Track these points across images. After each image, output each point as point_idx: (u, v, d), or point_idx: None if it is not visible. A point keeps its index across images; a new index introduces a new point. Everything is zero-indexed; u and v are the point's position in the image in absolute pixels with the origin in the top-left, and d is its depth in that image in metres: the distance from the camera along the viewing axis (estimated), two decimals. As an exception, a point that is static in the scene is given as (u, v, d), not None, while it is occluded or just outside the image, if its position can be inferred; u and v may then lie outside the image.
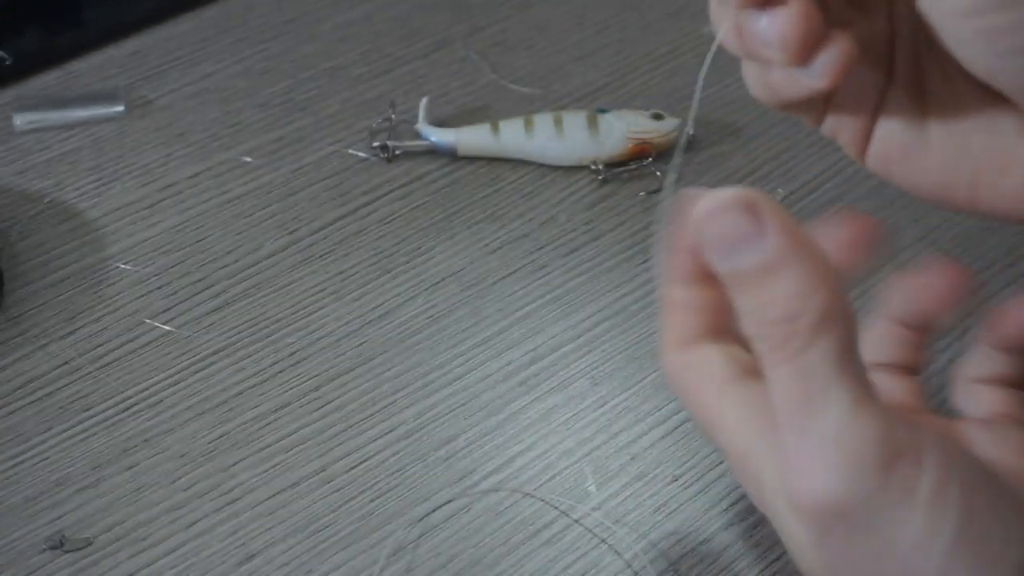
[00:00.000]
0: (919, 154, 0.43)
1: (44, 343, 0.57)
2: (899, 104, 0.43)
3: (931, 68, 0.43)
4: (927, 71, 0.44)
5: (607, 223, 0.62)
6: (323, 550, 0.49)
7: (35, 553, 0.49)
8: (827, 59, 0.40)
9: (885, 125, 0.43)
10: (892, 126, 0.43)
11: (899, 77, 0.44)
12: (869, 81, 0.43)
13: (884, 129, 0.43)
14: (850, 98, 0.44)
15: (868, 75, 0.44)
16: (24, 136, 0.68)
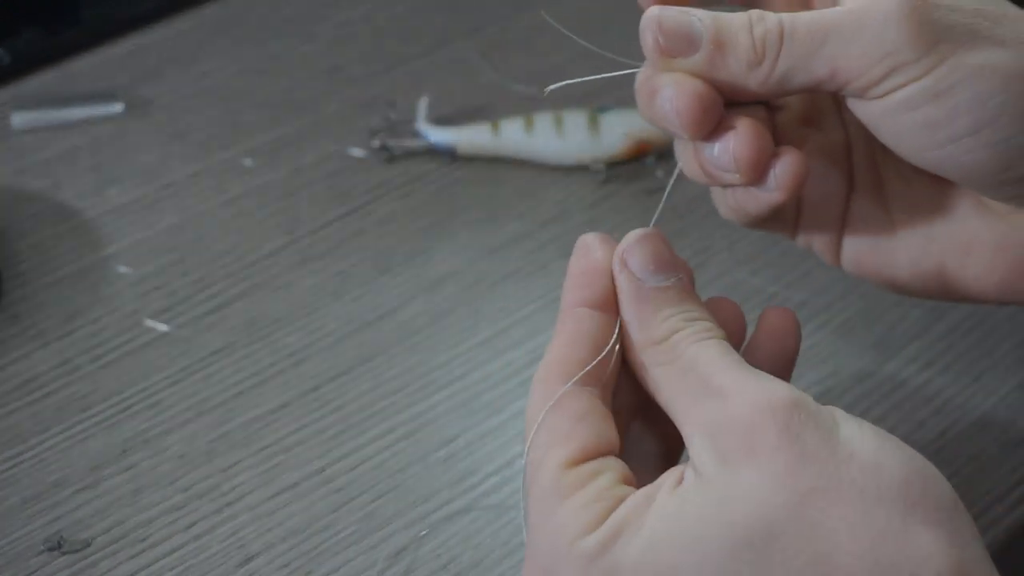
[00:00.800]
0: (888, 251, 0.46)
1: (42, 343, 0.57)
2: (863, 209, 0.46)
3: (887, 169, 0.46)
4: (884, 172, 0.46)
5: (608, 223, 0.62)
6: (323, 551, 0.49)
7: (33, 554, 0.49)
8: (780, 173, 0.42)
9: (852, 230, 0.46)
10: (859, 231, 0.46)
11: (859, 183, 0.47)
12: (832, 191, 0.46)
13: (852, 234, 0.46)
14: (816, 210, 0.46)
15: (830, 185, 0.46)
16: (22, 136, 0.67)
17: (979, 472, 0.51)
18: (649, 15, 0.43)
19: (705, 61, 0.42)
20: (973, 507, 0.50)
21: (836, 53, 0.41)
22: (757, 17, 0.42)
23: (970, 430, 0.53)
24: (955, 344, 0.56)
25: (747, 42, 0.42)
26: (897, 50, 0.40)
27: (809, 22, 0.41)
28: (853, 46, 0.41)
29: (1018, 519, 0.50)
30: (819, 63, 0.41)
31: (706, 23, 0.42)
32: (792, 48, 0.41)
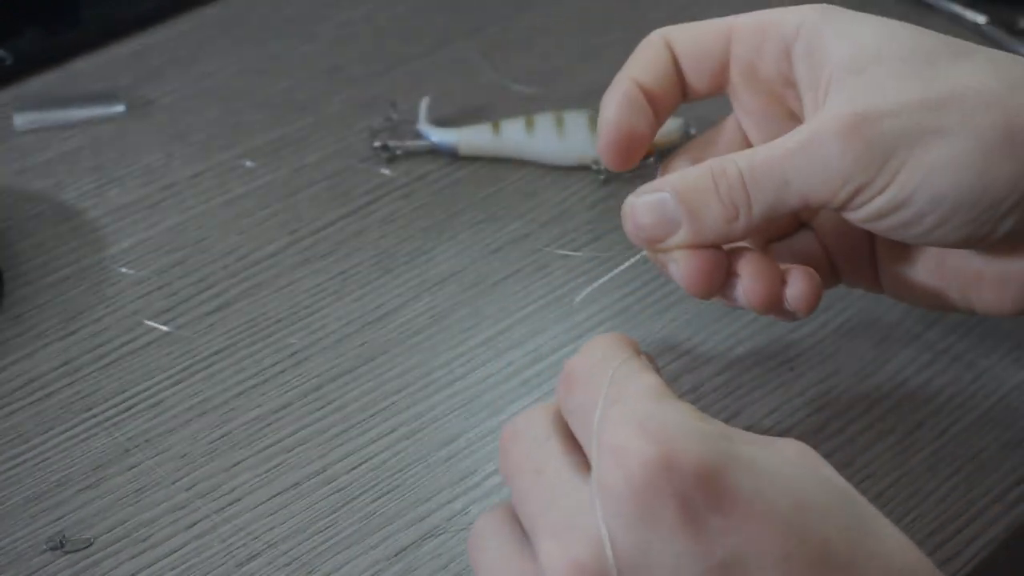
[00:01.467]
0: (915, 282, 0.49)
1: (44, 343, 0.57)
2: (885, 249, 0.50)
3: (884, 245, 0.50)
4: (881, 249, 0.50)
5: (608, 223, 0.62)
6: (324, 551, 0.49)
7: (36, 554, 0.49)
8: (794, 298, 0.46)
9: (883, 267, 0.50)
10: (888, 267, 0.50)
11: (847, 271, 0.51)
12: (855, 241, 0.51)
13: (884, 270, 0.50)
14: (848, 260, 0.51)
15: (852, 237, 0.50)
16: (24, 136, 0.67)
17: (979, 472, 0.51)
18: (624, 210, 0.46)
19: (689, 235, 0.45)
20: (972, 507, 0.50)
21: (801, 188, 0.44)
22: (719, 173, 0.45)
23: (970, 430, 0.53)
24: (955, 344, 0.56)
25: (717, 205, 0.45)
26: (850, 177, 0.43)
27: (766, 163, 0.44)
28: (813, 179, 0.44)
29: (1018, 519, 0.50)
30: (790, 198, 0.44)
31: (676, 199, 0.45)
32: (759, 195, 0.44)
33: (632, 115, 0.48)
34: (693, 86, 0.50)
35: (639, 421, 0.37)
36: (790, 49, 0.47)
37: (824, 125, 0.43)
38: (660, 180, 0.46)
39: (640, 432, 0.36)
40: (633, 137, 0.48)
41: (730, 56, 0.49)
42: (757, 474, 0.36)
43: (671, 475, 0.35)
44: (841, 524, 0.36)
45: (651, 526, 0.35)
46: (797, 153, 0.44)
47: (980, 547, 0.49)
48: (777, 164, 0.44)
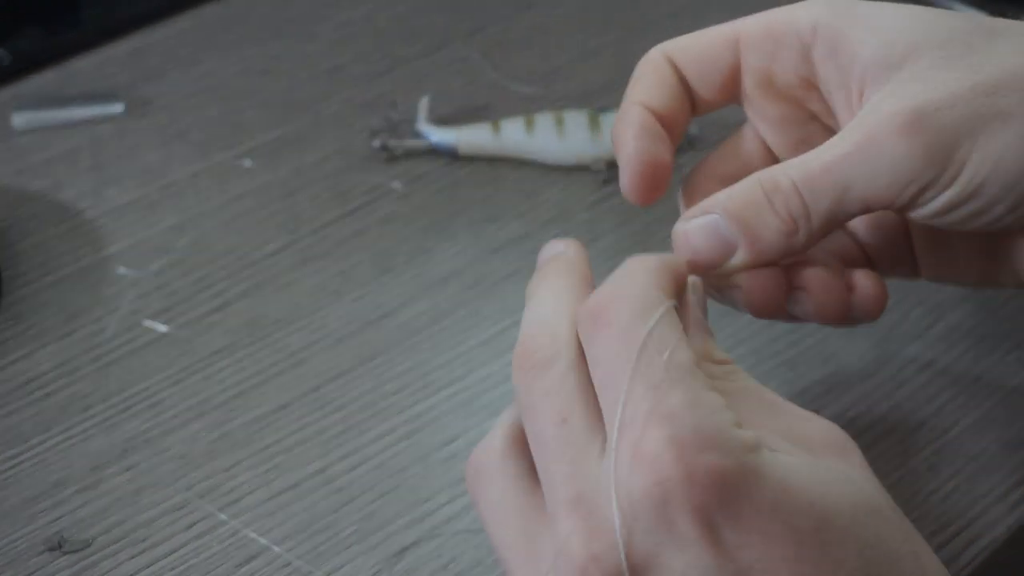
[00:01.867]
0: (956, 264, 0.47)
1: (43, 343, 0.57)
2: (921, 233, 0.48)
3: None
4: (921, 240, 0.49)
5: (608, 223, 0.62)
6: (324, 551, 0.49)
7: (34, 555, 0.49)
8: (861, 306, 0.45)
9: (921, 253, 0.48)
10: (926, 252, 0.48)
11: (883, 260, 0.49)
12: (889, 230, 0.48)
13: (922, 256, 0.48)
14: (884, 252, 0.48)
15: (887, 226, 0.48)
16: (23, 136, 0.67)
17: (979, 472, 0.51)
18: (676, 238, 0.44)
19: (749, 255, 0.43)
20: (974, 507, 0.50)
21: (863, 192, 0.42)
22: (771, 187, 0.43)
23: (970, 430, 0.53)
24: (955, 344, 0.56)
25: (774, 219, 0.42)
26: (918, 175, 0.41)
27: (822, 170, 0.42)
28: (876, 181, 0.42)
29: (1018, 519, 0.50)
30: (850, 205, 0.42)
31: (729, 219, 0.43)
32: (818, 205, 0.42)
33: (652, 145, 0.45)
34: (703, 99, 0.48)
35: (669, 429, 0.35)
36: (809, 52, 0.45)
37: (880, 125, 0.42)
38: (706, 202, 0.43)
39: (669, 443, 0.35)
40: (657, 167, 0.45)
41: (741, 66, 0.47)
42: (781, 489, 0.35)
43: (692, 489, 0.34)
44: (862, 545, 0.36)
45: (666, 534, 0.35)
46: (854, 156, 0.42)
47: (981, 547, 0.49)
48: (834, 170, 0.42)
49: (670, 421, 0.35)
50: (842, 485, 0.37)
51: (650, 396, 0.36)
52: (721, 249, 0.43)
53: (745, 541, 0.35)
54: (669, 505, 0.35)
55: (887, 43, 0.43)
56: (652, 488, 0.35)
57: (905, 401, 0.54)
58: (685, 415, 0.35)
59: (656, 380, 0.36)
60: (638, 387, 0.36)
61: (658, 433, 0.35)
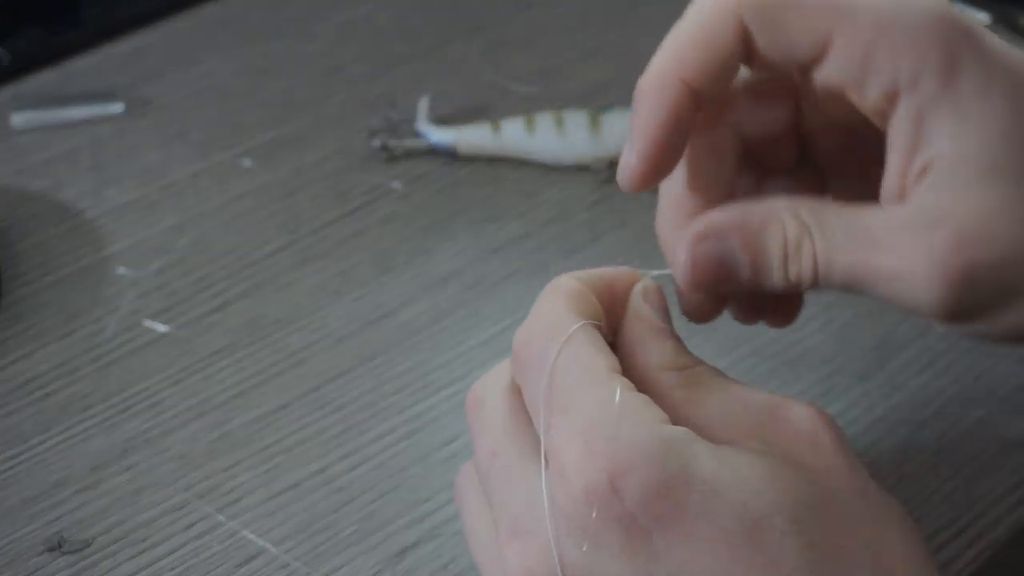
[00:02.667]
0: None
1: (43, 343, 0.57)
2: None
3: None
4: None
5: (608, 223, 0.62)
6: (324, 551, 0.49)
7: (34, 555, 0.49)
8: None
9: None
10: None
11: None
12: None
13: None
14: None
15: None
16: (22, 135, 0.67)
17: (979, 472, 0.51)
18: (680, 262, 0.41)
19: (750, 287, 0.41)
20: (973, 507, 0.50)
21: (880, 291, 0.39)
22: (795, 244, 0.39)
23: (970, 431, 0.53)
24: (955, 345, 0.56)
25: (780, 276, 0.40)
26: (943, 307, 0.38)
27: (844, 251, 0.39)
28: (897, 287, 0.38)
29: (1018, 519, 0.50)
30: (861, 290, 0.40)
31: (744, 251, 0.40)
32: (829, 273, 0.39)
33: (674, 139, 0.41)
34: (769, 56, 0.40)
35: (585, 438, 0.36)
36: (896, 97, 0.38)
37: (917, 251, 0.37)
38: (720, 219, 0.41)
39: (586, 453, 0.35)
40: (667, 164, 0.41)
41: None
42: (710, 490, 0.35)
43: (615, 497, 0.35)
44: (803, 544, 0.35)
45: (596, 545, 0.36)
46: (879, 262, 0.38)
47: (982, 548, 0.49)
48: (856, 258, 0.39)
49: (586, 434, 0.36)
50: (787, 480, 0.36)
51: (565, 418, 0.37)
52: (722, 278, 0.41)
53: (673, 543, 0.35)
54: (595, 516, 0.35)
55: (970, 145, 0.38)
56: (577, 501, 0.35)
57: (905, 401, 0.54)
58: (600, 426, 0.36)
59: (568, 399, 0.37)
60: (555, 409, 0.37)
61: (576, 448, 0.36)
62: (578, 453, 0.36)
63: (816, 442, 0.38)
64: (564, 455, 0.36)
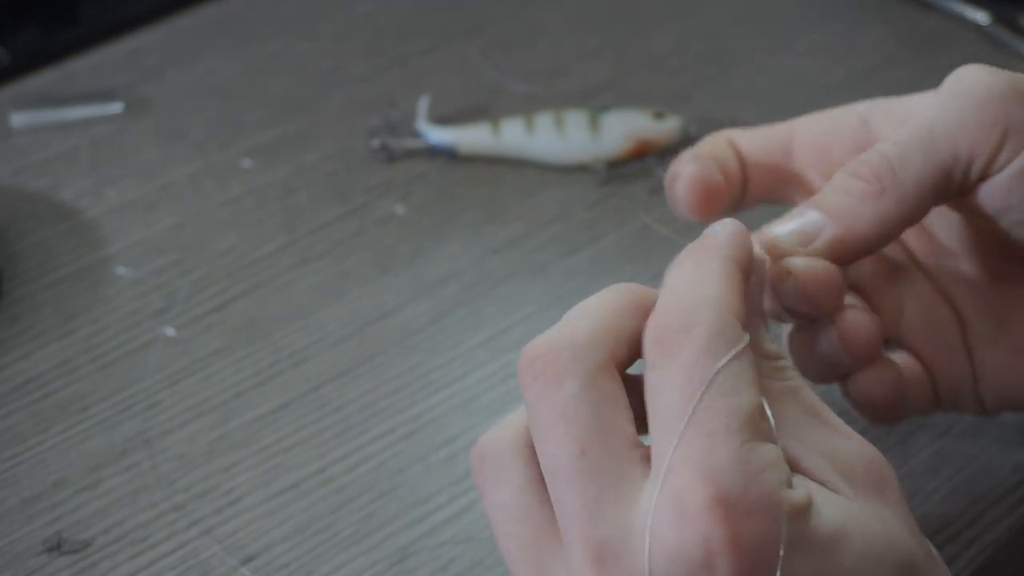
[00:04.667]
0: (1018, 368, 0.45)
1: (42, 343, 0.57)
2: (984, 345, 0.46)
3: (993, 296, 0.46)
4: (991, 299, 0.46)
5: (608, 223, 0.62)
6: (323, 551, 0.49)
7: (33, 555, 0.49)
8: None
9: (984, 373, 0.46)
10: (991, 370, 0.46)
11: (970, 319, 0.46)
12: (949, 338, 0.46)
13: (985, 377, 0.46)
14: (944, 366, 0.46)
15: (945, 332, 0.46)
16: (21, 135, 0.67)
17: (981, 473, 0.51)
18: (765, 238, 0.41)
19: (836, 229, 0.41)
20: (973, 507, 0.50)
21: (950, 134, 0.41)
22: (854, 162, 0.41)
23: (970, 430, 0.53)
24: (956, 344, 0.56)
25: (858, 184, 0.41)
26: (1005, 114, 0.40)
27: (907, 129, 0.41)
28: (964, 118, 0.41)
29: (1018, 519, 0.50)
30: (938, 153, 0.41)
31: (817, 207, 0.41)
32: (903, 160, 0.41)
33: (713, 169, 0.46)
34: (753, 184, 0.47)
35: (717, 485, 0.32)
36: (868, 119, 0.45)
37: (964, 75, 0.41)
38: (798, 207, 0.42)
39: (716, 503, 0.32)
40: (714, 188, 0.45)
41: (792, 147, 0.47)
42: (821, 560, 0.33)
43: (734, 555, 0.32)
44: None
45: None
46: (941, 104, 0.41)
47: (982, 548, 0.49)
48: (919, 121, 0.41)
49: (719, 478, 0.33)
50: (883, 544, 0.34)
51: (702, 445, 0.33)
52: (809, 231, 0.41)
53: None
54: (708, 568, 0.32)
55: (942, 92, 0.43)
56: (692, 547, 0.32)
57: (905, 401, 0.54)
58: (736, 474, 0.33)
59: (711, 427, 0.33)
60: (692, 432, 0.33)
61: (705, 490, 0.32)
62: (706, 495, 0.32)
63: (883, 487, 0.36)
64: (688, 491, 0.33)
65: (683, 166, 0.46)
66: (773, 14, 0.76)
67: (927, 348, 0.46)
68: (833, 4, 0.76)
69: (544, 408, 0.35)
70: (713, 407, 0.33)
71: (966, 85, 0.42)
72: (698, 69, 0.71)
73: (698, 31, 0.74)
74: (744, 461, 0.33)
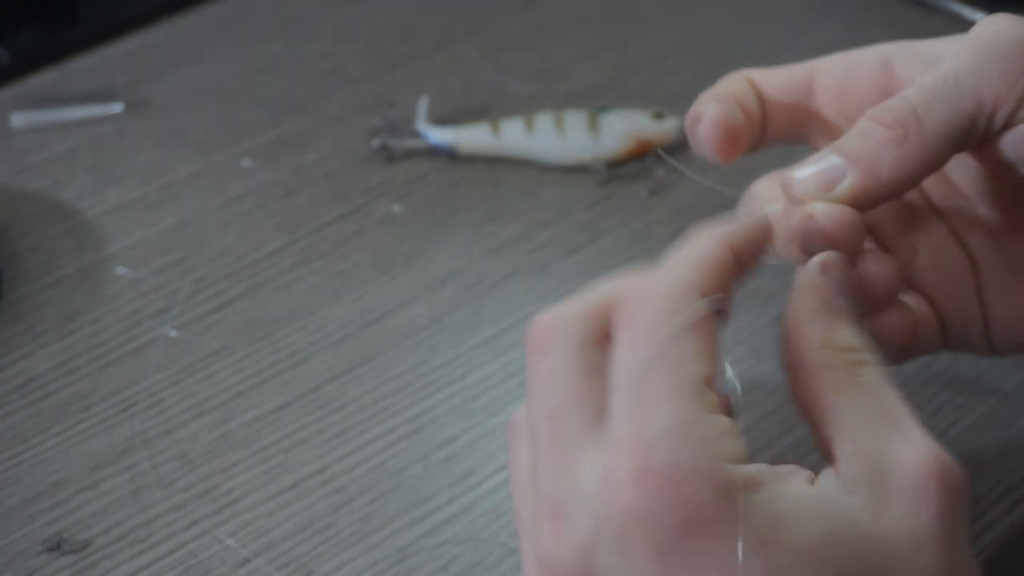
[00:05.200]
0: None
1: (42, 343, 0.57)
2: (997, 285, 0.46)
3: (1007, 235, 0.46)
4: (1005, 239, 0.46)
5: (608, 223, 0.62)
6: (323, 551, 0.49)
7: (33, 555, 0.49)
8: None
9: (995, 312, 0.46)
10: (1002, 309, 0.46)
11: (982, 261, 0.46)
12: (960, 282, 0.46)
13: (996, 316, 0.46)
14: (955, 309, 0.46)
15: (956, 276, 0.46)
16: (22, 135, 0.67)
17: (979, 472, 0.51)
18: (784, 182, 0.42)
19: (859, 174, 0.41)
20: (973, 507, 0.50)
21: (974, 83, 0.41)
22: (877, 109, 0.41)
23: (970, 430, 0.53)
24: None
25: (880, 130, 0.41)
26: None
27: (931, 73, 0.41)
28: (988, 67, 0.41)
29: (1018, 519, 0.50)
30: (961, 101, 0.41)
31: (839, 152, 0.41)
32: (927, 106, 0.41)
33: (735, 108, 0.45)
34: (774, 124, 0.46)
35: (641, 458, 0.33)
36: (890, 63, 0.44)
37: (990, 25, 0.41)
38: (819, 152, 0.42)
39: (636, 474, 0.33)
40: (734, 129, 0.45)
41: (813, 89, 0.46)
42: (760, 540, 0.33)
43: (650, 526, 0.33)
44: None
45: (623, 561, 0.34)
46: (966, 53, 0.41)
47: (981, 548, 0.49)
48: (945, 70, 0.41)
49: (645, 449, 0.34)
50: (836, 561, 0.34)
51: (638, 416, 0.34)
52: (830, 178, 0.41)
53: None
54: (627, 536, 0.34)
55: (967, 39, 0.43)
56: (614, 515, 0.34)
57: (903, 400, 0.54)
58: (664, 445, 0.34)
59: (650, 399, 0.34)
60: (633, 402, 0.35)
61: (628, 462, 0.34)
62: (628, 467, 0.33)
63: (919, 499, 0.35)
64: (614, 463, 0.34)
65: (705, 107, 0.45)
66: (773, 14, 0.76)
67: (939, 290, 0.46)
68: (833, 4, 0.76)
69: (531, 374, 0.37)
70: (654, 379, 0.35)
71: (992, 35, 0.41)
72: (698, 69, 0.71)
73: (698, 31, 0.74)
74: (674, 434, 0.34)
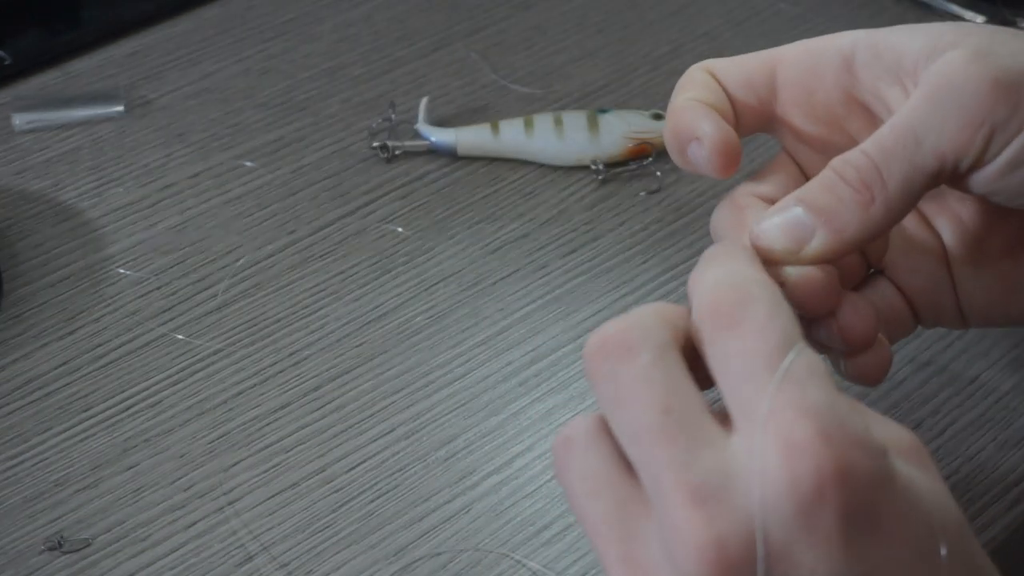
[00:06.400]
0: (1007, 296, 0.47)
1: (43, 343, 0.57)
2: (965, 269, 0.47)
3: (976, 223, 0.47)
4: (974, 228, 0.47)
5: (607, 223, 0.62)
6: (323, 551, 0.49)
7: (34, 554, 0.49)
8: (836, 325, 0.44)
9: (966, 293, 0.47)
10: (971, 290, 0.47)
11: (952, 248, 0.48)
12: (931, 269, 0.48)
13: (967, 296, 0.47)
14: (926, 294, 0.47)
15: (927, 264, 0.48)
16: (23, 136, 0.67)
17: (977, 472, 0.51)
18: (752, 236, 0.42)
19: (828, 236, 0.42)
20: (971, 507, 0.50)
21: (935, 143, 0.41)
22: (842, 164, 0.42)
23: (968, 430, 0.53)
24: (953, 344, 0.56)
25: (848, 191, 0.42)
26: (989, 112, 0.41)
27: (892, 131, 0.42)
28: (948, 125, 0.41)
29: (1016, 519, 0.50)
30: (924, 160, 0.42)
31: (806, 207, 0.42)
32: (891, 167, 0.41)
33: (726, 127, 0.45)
34: (741, 118, 0.47)
35: (819, 421, 0.34)
36: (851, 62, 0.45)
37: (947, 70, 0.41)
38: (779, 202, 0.43)
39: (819, 435, 0.33)
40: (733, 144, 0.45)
41: (777, 86, 0.46)
42: (909, 497, 0.35)
43: (842, 490, 0.33)
44: (964, 562, 0.35)
45: (805, 531, 0.33)
46: (922, 108, 0.41)
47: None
48: (903, 126, 0.41)
49: (818, 416, 0.34)
50: (946, 500, 0.36)
51: (795, 392, 0.34)
52: (799, 234, 0.42)
53: (876, 545, 0.34)
54: (816, 503, 0.33)
55: (931, 37, 0.43)
56: (805, 479, 0.33)
57: (902, 401, 0.54)
58: (830, 412, 0.34)
59: (799, 377, 0.35)
60: (774, 382, 0.35)
61: (809, 425, 0.33)
62: (810, 429, 0.33)
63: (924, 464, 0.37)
64: (794, 429, 0.33)
65: (698, 125, 0.45)
66: (772, 15, 0.76)
67: (910, 276, 0.47)
68: (832, 4, 0.76)
69: (621, 379, 0.36)
70: (796, 362, 0.35)
71: (949, 83, 0.42)
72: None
73: (697, 32, 0.74)
74: (832, 403, 0.34)
